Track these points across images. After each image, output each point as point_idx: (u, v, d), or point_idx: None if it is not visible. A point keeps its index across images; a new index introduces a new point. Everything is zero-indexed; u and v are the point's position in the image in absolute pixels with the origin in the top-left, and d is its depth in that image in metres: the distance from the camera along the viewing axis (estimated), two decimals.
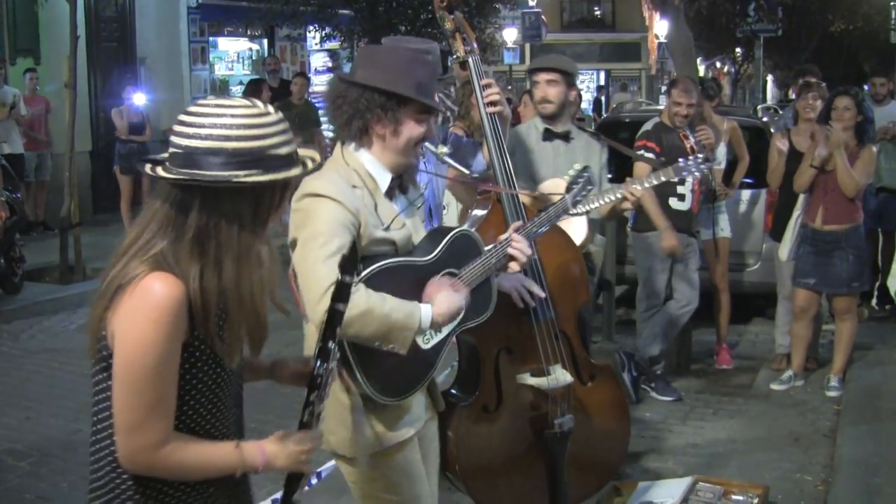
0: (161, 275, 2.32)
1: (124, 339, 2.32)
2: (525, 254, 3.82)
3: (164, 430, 2.35)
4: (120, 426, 2.35)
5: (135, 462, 2.36)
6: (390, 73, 3.40)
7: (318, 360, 2.52)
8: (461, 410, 4.53)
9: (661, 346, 7.41)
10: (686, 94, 7.39)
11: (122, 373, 2.33)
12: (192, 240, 2.36)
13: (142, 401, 2.31)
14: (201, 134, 2.34)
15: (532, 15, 29.44)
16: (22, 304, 10.31)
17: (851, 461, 6.04)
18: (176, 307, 2.31)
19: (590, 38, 40.49)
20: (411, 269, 3.45)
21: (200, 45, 18.87)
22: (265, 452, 2.49)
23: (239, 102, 2.40)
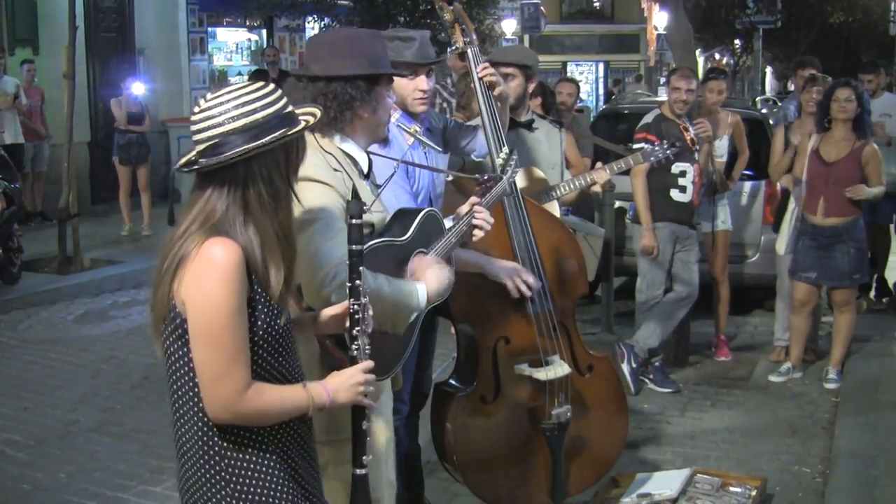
0: (217, 239, 2.55)
1: (197, 301, 2.54)
2: (489, 222, 3.84)
3: (245, 377, 2.57)
4: (205, 380, 2.56)
5: (225, 409, 2.57)
6: (361, 56, 3.51)
7: (351, 298, 2.83)
8: (459, 401, 4.55)
9: (660, 337, 7.41)
10: (685, 79, 7.41)
11: (200, 331, 2.55)
12: (241, 205, 2.61)
13: (222, 353, 2.54)
14: (228, 118, 2.60)
15: (531, 6, 29.44)
16: (20, 295, 10.29)
17: (849, 453, 6.04)
18: (236, 265, 2.54)
19: (589, 30, 40.44)
20: (392, 248, 3.50)
21: (199, 35, 18.82)
22: (328, 389, 2.73)
23: (242, 84, 2.70)
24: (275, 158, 2.64)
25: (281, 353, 2.71)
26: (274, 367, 2.69)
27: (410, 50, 4.38)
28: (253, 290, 2.61)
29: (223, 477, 2.64)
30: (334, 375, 2.78)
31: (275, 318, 2.67)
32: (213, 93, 2.69)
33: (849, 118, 7.23)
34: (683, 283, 7.50)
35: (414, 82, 4.42)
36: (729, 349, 8.36)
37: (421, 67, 4.43)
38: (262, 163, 2.62)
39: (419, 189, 4.47)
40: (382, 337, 3.37)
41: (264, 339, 2.64)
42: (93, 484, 5.83)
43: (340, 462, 3.45)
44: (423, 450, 5.13)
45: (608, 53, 40.98)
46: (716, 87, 8.18)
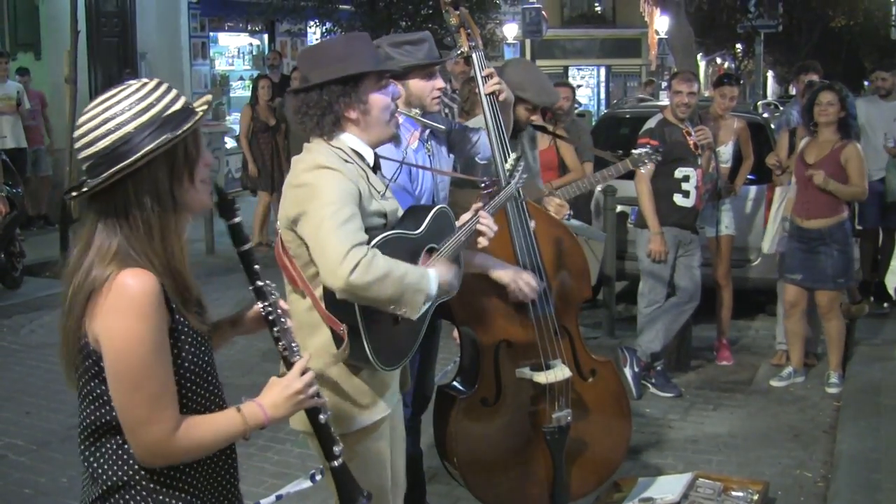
0: (130, 270, 2.35)
1: (112, 339, 2.34)
2: (492, 229, 3.88)
3: (172, 418, 2.39)
4: (128, 426, 2.38)
5: (154, 455, 2.40)
6: (334, 61, 3.55)
7: (259, 300, 2.66)
8: (460, 403, 4.55)
9: (662, 342, 7.42)
10: (687, 83, 7.42)
11: (117, 372, 2.35)
12: (143, 226, 2.40)
13: (144, 395, 2.34)
14: (102, 133, 2.38)
15: (532, 11, 29.43)
16: (22, 299, 10.29)
17: (851, 457, 6.04)
18: (154, 297, 2.35)
19: (590, 34, 40.50)
20: (405, 241, 3.57)
21: (201, 40, 18.85)
22: (264, 407, 2.55)
23: (115, 90, 2.44)
24: (153, 173, 2.40)
25: (207, 379, 2.55)
26: (203, 396, 2.53)
27: (423, 51, 4.44)
28: (174, 319, 2.43)
29: None
30: (270, 387, 2.60)
31: (199, 344, 2.51)
32: (91, 104, 2.44)
33: (830, 122, 7.27)
34: (686, 287, 7.50)
35: (431, 82, 4.48)
36: (731, 353, 8.35)
37: (434, 68, 4.51)
38: (139, 181, 2.39)
39: (422, 192, 4.48)
40: (394, 326, 3.45)
41: (191, 371, 2.48)
42: None
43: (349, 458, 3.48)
44: (426, 453, 5.13)
45: (609, 58, 41.06)
46: (728, 92, 8.22)
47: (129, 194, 2.39)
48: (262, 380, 2.66)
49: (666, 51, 30.76)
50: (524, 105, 5.65)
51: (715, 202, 8.10)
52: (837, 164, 7.23)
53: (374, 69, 3.57)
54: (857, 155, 7.27)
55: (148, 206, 2.40)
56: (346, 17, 18.46)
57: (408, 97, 4.45)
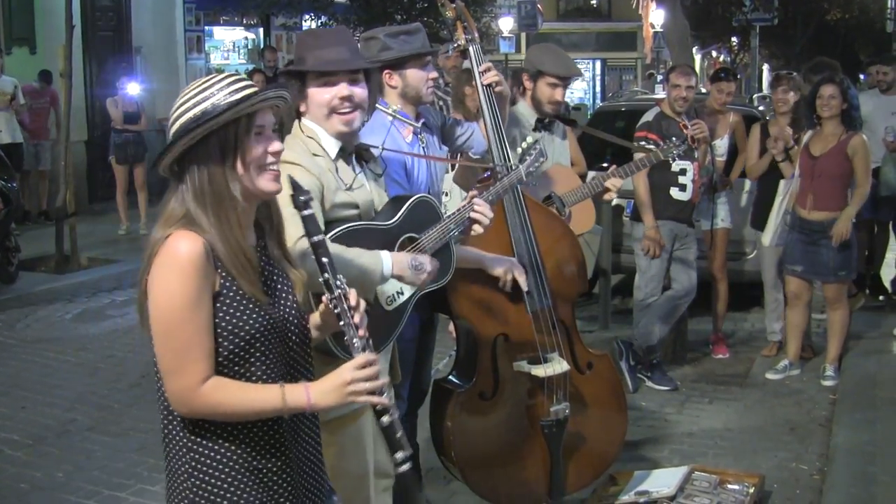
0: (181, 232, 2.55)
1: (153, 294, 2.55)
2: (487, 216, 3.89)
3: (200, 372, 2.53)
4: (162, 372, 2.58)
5: (179, 402, 2.57)
6: (296, 55, 3.75)
7: (327, 292, 2.73)
8: (458, 397, 4.55)
9: (658, 335, 7.42)
10: (685, 76, 7.41)
11: (154, 323, 2.56)
12: (195, 198, 2.59)
13: (174, 346, 2.53)
14: (173, 117, 2.64)
15: (528, 4, 29.38)
16: (17, 294, 10.28)
17: (847, 450, 6.04)
18: (196, 259, 2.52)
19: (585, 28, 40.49)
20: (374, 232, 3.59)
21: (196, 34, 18.83)
22: (310, 392, 2.62)
23: (211, 77, 2.68)
24: (209, 152, 2.60)
25: (256, 349, 2.63)
26: (243, 363, 2.61)
27: (419, 41, 4.46)
28: (221, 284, 2.58)
29: (186, 469, 2.62)
30: (327, 377, 2.66)
31: (248, 313, 2.61)
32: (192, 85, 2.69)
33: (833, 115, 7.26)
34: (682, 280, 7.50)
35: (426, 71, 4.51)
36: (727, 346, 8.36)
37: (427, 56, 4.54)
38: (198, 158, 2.60)
39: (418, 184, 4.49)
40: None
41: (232, 334, 2.58)
42: (90, 483, 5.82)
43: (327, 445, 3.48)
44: (422, 448, 5.13)
45: (605, 51, 41.04)
46: (725, 87, 8.24)
47: (192, 167, 2.60)
48: None
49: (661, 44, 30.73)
50: (545, 79, 5.84)
51: (711, 195, 8.10)
52: (844, 156, 7.22)
53: (310, 69, 3.65)
54: (863, 147, 7.25)
55: (204, 179, 2.59)
56: (341, 11, 18.45)
57: (404, 87, 4.48)
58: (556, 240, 4.88)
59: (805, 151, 7.44)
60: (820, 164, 7.31)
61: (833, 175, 7.26)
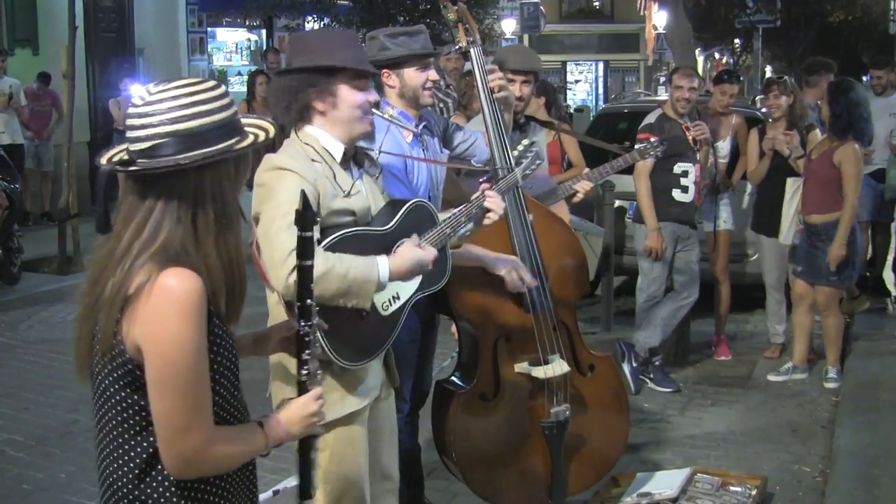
0: (173, 271, 2.26)
1: (159, 344, 2.24)
2: (500, 206, 3.92)
3: (211, 427, 2.32)
4: (168, 433, 2.28)
5: (189, 464, 2.32)
6: (314, 52, 3.61)
7: (301, 319, 2.59)
8: (459, 398, 4.56)
9: (660, 337, 7.42)
10: (687, 77, 7.42)
11: (163, 378, 2.26)
12: (192, 223, 2.33)
13: (188, 402, 2.27)
14: (191, 114, 2.32)
15: (531, 6, 29.39)
16: (20, 295, 10.30)
17: (849, 452, 6.04)
18: (198, 300, 2.27)
19: (588, 29, 40.45)
20: (370, 237, 3.58)
21: (199, 35, 18.85)
22: (283, 424, 2.51)
23: (188, 80, 2.39)
24: (227, 170, 2.38)
25: (236, 387, 2.49)
26: (231, 404, 2.46)
27: (419, 43, 4.46)
28: (212, 322, 2.34)
29: None
30: (287, 407, 2.55)
31: (231, 347, 2.44)
32: (158, 85, 2.36)
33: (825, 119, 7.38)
34: (684, 282, 7.50)
35: (425, 73, 4.49)
36: (729, 349, 8.35)
37: (429, 59, 4.54)
38: (214, 173, 2.35)
39: (418, 185, 4.50)
40: (360, 322, 3.46)
41: (225, 377, 2.42)
42: (93, 484, 5.76)
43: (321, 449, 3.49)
44: (424, 449, 5.13)
45: (607, 53, 40.99)
46: (729, 90, 8.25)
47: (204, 182, 2.34)
48: (261, 375, 2.65)
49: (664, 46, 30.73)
50: (515, 77, 5.67)
51: (713, 197, 8.10)
52: (830, 163, 7.21)
53: (351, 66, 3.58)
54: (851, 157, 7.17)
55: (217, 201, 2.36)
56: (343, 12, 18.46)
57: (402, 87, 4.48)
58: (557, 241, 4.88)
59: (808, 154, 7.47)
60: (811, 168, 7.39)
61: (821, 181, 7.27)
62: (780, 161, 7.78)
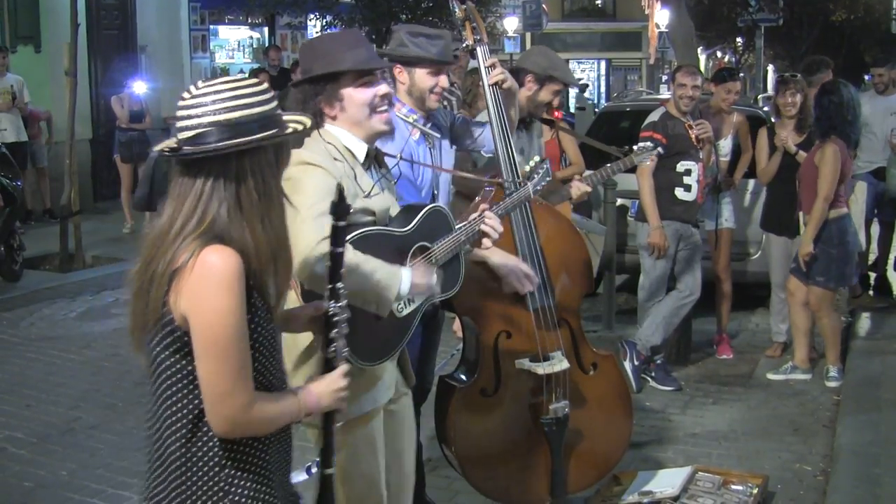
0: (214, 247, 2.47)
1: (202, 314, 2.46)
2: (497, 230, 3.93)
3: (251, 389, 2.54)
4: (213, 396, 2.50)
5: (233, 424, 2.52)
6: (319, 59, 3.68)
7: (331, 300, 2.80)
8: (460, 392, 4.57)
9: (662, 335, 7.41)
10: (691, 76, 7.42)
11: (207, 345, 2.48)
12: (236, 205, 2.54)
13: (230, 367, 2.48)
14: (218, 108, 2.53)
15: (533, 4, 29.42)
16: (22, 292, 10.30)
17: (851, 451, 6.04)
18: (238, 273, 2.48)
19: (590, 28, 40.47)
20: (389, 238, 3.61)
21: (201, 33, 18.84)
22: (314, 394, 2.71)
23: (237, 77, 2.67)
24: (267, 157, 2.59)
25: (276, 357, 2.69)
26: (270, 372, 2.66)
27: (437, 48, 4.47)
28: (251, 295, 2.55)
29: (195, 492, 2.56)
30: (318, 380, 2.76)
31: (269, 322, 2.63)
32: (205, 82, 2.62)
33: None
34: (686, 281, 7.50)
35: (436, 79, 4.51)
36: (731, 347, 8.35)
37: (443, 66, 4.54)
38: (255, 159, 2.56)
39: (422, 184, 4.51)
40: (376, 322, 3.48)
41: (262, 346, 2.60)
42: (95, 481, 5.83)
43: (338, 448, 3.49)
44: (425, 446, 5.14)
45: (610, 51, 41.02)
46: (732, 87, 8.24)
47: (245, 169, 2.55)
48: None
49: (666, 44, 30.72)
50: (552, 86, 5.95)
51: (715, 196, 8.10)
52: (814, 165, 7.24)
53: (350, 68, 3.64)
54: (829, 158, 7.15)
55: (258, 183, 2.56)
56: (346, 10, 18.43)
57: (411, 86, 4.50)
58: (559, 239, 4.88)
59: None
60: (802, 169, 7.44)
61: (809, 181, 7.28)
62: (789, 159, 7.77)
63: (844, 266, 7.37)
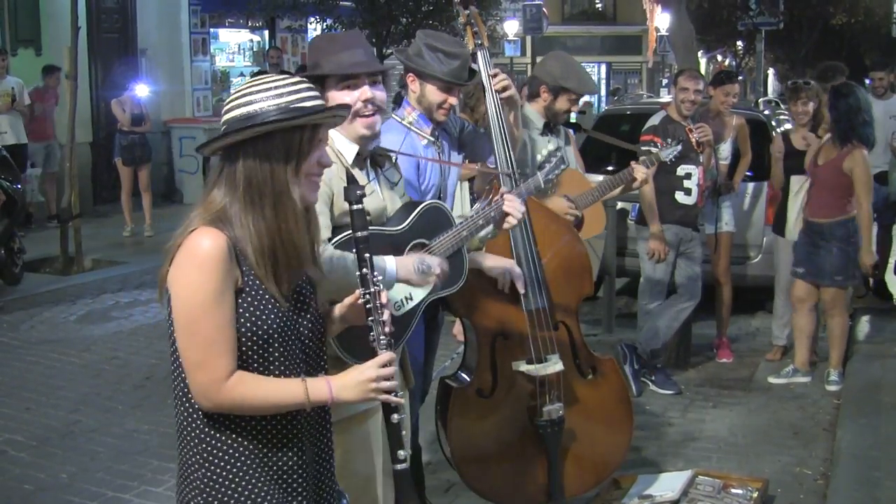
0: (205, 229, 2.57)
1: (176, 287, 2.58)
2: (519, 210, 3.94)
3: (224, 367, 2.57)
4: (186, 366, 2.60)
5: (204, 396, 2.59)
6: (311, 61, 3.75)
7: (361, 287, 2.81)
8: (457, 393, 4.58)
9: (662, 339, 7.42)
10: (693, 80, 7.43)
11: (178, 317, 2.59)
12: (244, 192, 2.61)
13: (198, 340, 2.56)
14: (240, 104, 2.64)
15: (533, 7, 29.39)
16: (22, 295, 10.29)
17: (851, 455, 6.04)
18: (218, 255, 2.55)
19: (591, 31, 40.51)
20: (381, 237, 3.61)
21: (201, 36, 18.82)
22: (332, 386, 2.66)
23: (264, 76, 2.71)
24: (271, 150, 2.61)
25: (274, 347, 2.66)
26: (263, 360, 2.64)
27: (451, 67, 4.40)
28: (243, 281, 2.60)
29: (197, 460, 2.65)
30: (347, 371, 2.71)
31: (268, 312, 2.63)
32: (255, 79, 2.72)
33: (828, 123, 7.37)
34: (686, 285, 7.50)
35: (445, 95, 4.47)
36: (731, 351, 8.35)
37: (455, 86, 4.49)
38: (258, 153, 2.61)
39: (428, 187, 4.50)
40: None
41: (253, 332, 2.61)
42: (94, 484, 5.83)
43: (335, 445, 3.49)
44: (424, 448, 5.14)
45: (610, 55, 41.04)
46: (731, 90, 8.23)
47: (248, 160, 2.61)
48: None
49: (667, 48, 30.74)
50: (567, 95, 5.94)
51: (714, 199, 8.10)
52: (840, 171, 7.20)
53: (331, 72, 3.65)
54: (861, 164, 7.17)
55: (259, 176, 2.61)
56: (346, 13, 18.42)
57: (420, 96, 4.47)
58: (556, 241, 4.87)
59: (814, 156, 7.44)
60: (818, 173, 7.37)
61: (829, 187, 7.27)
62: (792, 163, 7.78)
63: (857, 264, 7.42)
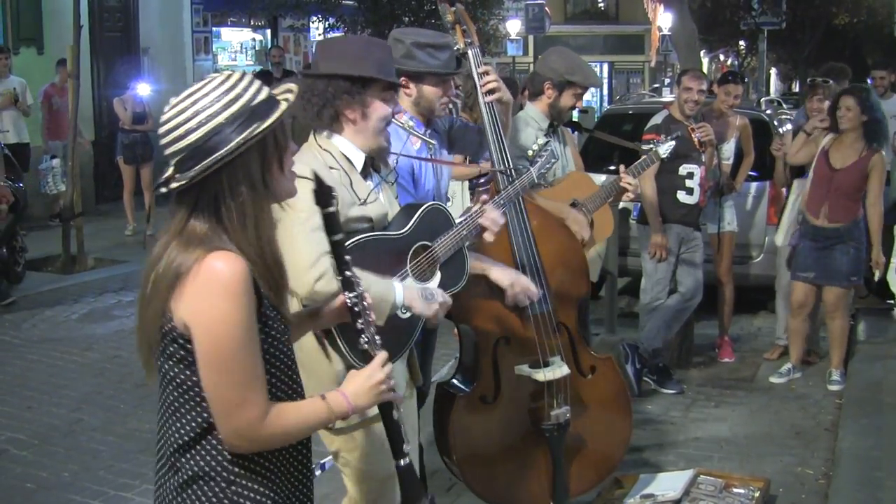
0: (220, 254, 2.34)
1: (203, 322, 2.33)
2: (497, 223, 3.92)
3: (264, 402, 2.39)
4: (220, 409, 2.38)
5: (243, 439, 2.40)
6: (350, 59, 3.60)
7: (346, 291, 2.71)
8: (459, 400, 4.56)
9: (664, 338, 7.42)
10: (697, 80, 7.43)
11: (209, 355, 2.35)
12: (237, 216, 2.40)
13: (238, 378, 2.35)
14: (194, 125, 2.38)
15: (535, 6, 29.44)
16: (24, 294, 10.28)
17: (853, 455, 6.04)
18: (244, 280, 2.34)
19: (593, 31, 40.48)
20: (385, 242, 3.60)
21: (203, 35, 18.85)
22: (348, 396, 2.56)
23: (200, 84, 2.45)
24: (245, 163, 2.40)
25: (291, 367, 2.57)
26: (286, 382, 2.54)
27: (442, 59, 4.38)
28: (262, 304, 2.43)
29: None
30: (352, 378, 2.61)
31: (284, 331, 2.53)
32: (177, 98, 2.45)
33: (852, 127, 7.21)
34: (688, 284, 7.49)
35: (443, 89, 4.46)
36: (733, 350, 8.34)
37: (450, 77, 4.49)
38: (232, 171, 2.39)
39: (424, 192, 4.48)
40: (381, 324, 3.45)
41: (277, 358, 2.49)
42: (96, 483, 5.83)
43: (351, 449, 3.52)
44: (425, 449, 5.13)
45: (612, 54, 41.01)
46: (733, 90, 8.23)
47: (222, 184, 2.39)
48: None
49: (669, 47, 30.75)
50: (573, 90, 5.78)
51: (717, 199, 8.09)
52: (863, 174, 7.20)
53: (385, 78, 3.61)
54: (880, 165, 7.21)
55: (242, 195, 2.40)
56: (349, 13, 18.45)
57: (418, 97, 4.44)
58: (556, 243, 4.86)
59: (824, 159, 7.39)
60: (838, 178, 7.29)
61: (851, 190, 7.25)
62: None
63: (863, 263, 7.45)
